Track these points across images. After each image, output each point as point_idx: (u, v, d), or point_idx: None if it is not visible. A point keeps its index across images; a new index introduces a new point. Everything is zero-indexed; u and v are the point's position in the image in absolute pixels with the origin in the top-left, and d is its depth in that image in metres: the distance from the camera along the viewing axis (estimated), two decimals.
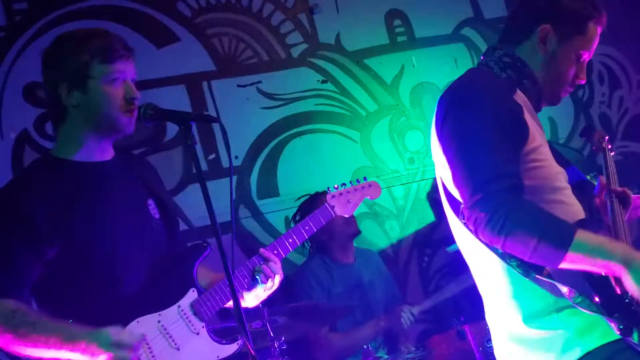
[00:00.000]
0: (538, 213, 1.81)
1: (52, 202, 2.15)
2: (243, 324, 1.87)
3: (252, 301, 2.44)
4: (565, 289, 1.84)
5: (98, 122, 2.22)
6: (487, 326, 2.15)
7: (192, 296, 2.32)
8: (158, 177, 2.50)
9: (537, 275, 1.86)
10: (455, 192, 1.97)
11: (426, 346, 3.79)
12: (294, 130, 4.42)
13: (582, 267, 1.79)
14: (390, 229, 4.52)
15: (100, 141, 2.27)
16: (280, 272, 2.42)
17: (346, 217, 2.86)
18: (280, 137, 4.39)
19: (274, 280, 2.40)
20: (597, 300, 1.82)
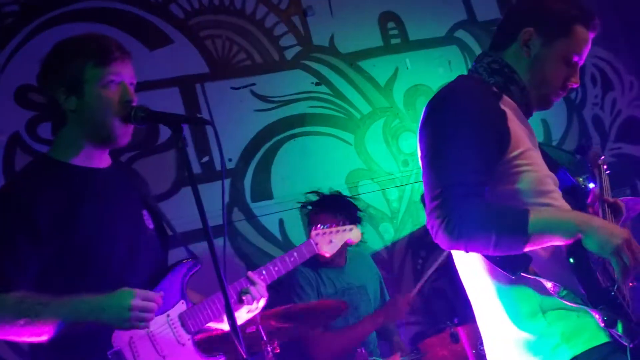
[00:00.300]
0: (488, 209, 1.84)
1: (52, 203, 2.16)
2: (236, 330, 1.88)
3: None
4: (549, 284, 1.88)
5: (94, 131, 2.23)
6: None
7: (181, 307, 2.33)
8: (149, 189, 2.53)
9: (522, 273, 1.88)
10: None
11: (420, 349, 3.79)
12: (288, 133, 4.41)
13: (546, 244, 1.85)
14: (385, 232, 4.51)
15: (97, 148, 2.29)
16: (266, 295, 2.47)
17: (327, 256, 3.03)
18: (274, 139, 4.38)
19: (259, 303, 2.45)
20: (583, 292, 1.85)
